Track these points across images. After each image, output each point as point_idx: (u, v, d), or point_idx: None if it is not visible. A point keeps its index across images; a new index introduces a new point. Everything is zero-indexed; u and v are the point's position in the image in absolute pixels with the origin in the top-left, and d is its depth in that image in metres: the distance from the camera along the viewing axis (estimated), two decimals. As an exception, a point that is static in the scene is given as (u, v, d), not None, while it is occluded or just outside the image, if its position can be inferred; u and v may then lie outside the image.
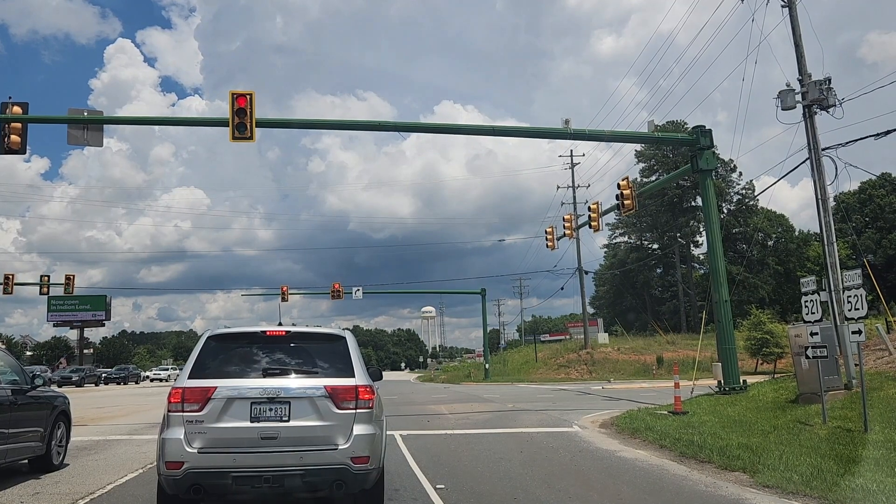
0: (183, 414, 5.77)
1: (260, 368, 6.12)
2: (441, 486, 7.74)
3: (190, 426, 5.72)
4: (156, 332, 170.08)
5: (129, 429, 15.39)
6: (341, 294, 48.87)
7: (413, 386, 48.47)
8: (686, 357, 52.58)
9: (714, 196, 20.34)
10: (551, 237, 31.68)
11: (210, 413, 5.75)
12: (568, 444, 11.88)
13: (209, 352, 6.24)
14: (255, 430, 5.72)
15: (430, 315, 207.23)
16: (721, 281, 19.35)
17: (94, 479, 8.63)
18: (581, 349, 54.86)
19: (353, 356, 6.28)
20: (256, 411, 5.79)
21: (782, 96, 19.91)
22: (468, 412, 19.39)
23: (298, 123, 17.58)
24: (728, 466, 8.80)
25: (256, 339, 6.44)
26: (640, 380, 42.84)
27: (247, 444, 5.70)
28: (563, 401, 23.83)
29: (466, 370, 65.68)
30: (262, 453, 5.67)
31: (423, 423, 16.01)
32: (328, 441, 5.76)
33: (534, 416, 17.70)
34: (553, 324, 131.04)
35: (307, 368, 6.19)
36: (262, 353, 6.28)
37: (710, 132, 19.80)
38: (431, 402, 24.34)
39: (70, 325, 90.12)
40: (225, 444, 5.70)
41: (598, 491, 7.75)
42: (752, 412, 15.44)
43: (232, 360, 6.19)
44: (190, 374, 6.01)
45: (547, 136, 19.81)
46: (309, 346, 6.44)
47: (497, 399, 25.85)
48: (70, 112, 16.28)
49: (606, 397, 25.41)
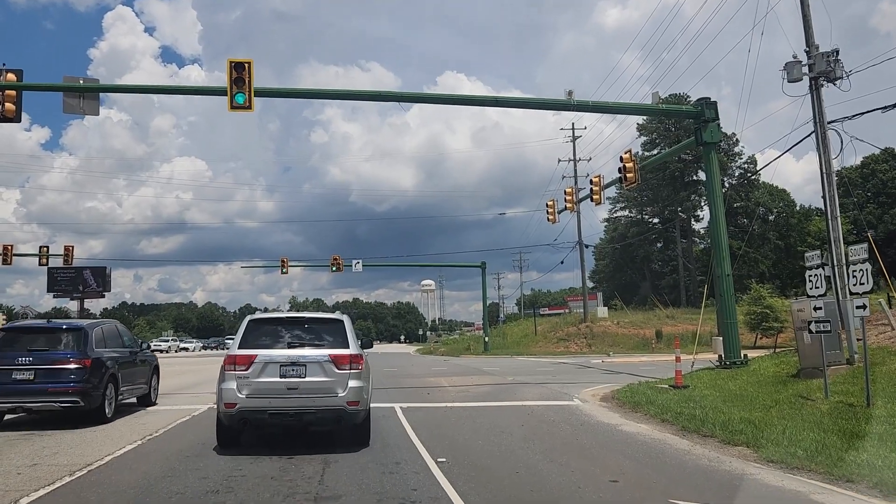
0: (235, 372, 8.35)
1: (285, 342, 8.73)
2: (442, 460, 7.68)
3: (239, 380, 8.30)
4: (156, 303, 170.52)
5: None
6: (341, 266, 48.80)
7: (412, 358, 48.60)
8: (685, 331, 52.60)
9: (718, 170, 20.14)
10: (552, 210, 31.46)
11: (252, 372, 8.33)
12: (569, 418, 11.85)
13: (250, 330, 8.83)
14: (282, 383, 8.32)
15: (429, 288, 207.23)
16: (723, 255, 19.23)
17: (92, 449, 8.58)
18: (580, 323, 54.94)
19: (348, 334, 8.88)
20: (284, 371, 8.37)
21: (788, 68, 19.59)
22: (468, 385, 19.40)
23: (298, 93, 17.27)
24: (731, 441, 8.74)
25: (282, 321, 9.49)
26: (640, 353, 42.98)
27: (277, 392, 8.29)
28: (563, 374, 23.85)
29: (466, 343, 65.83)
30: (288, 398, 8.27)
31: (423, 396, 16.00)
32: (331, 391, 8.37)
33: (534, 389, 17.70)
34: (552, 297, 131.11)
35: (317, 342, 8.76)
36: (286, 332, 8.94)
37: (714, 104, 19.52)
38: (431, 375, 24.37)
39: (70, 296, 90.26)
40: (263, 392, 8.29)
41: (599, 465, 7.69)
42: (753, 386, 15.41)
43: (266, 336, 8.80)
44: (238, 345, 8.59)
45: (550, 108, 19.55)
46: (318, 326, 9.14)
47: (497, 372, 25.89)
48: (65, 80, 15.98)
49: (606, 371, 25.44)
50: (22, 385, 10.98)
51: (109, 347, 12.61)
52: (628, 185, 23.53)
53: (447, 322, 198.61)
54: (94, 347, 11.83)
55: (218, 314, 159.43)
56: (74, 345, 11.59)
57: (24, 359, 11.13)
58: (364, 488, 6.46)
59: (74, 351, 11.46)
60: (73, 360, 11.26)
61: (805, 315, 15.94)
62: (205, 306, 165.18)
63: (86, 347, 11.60)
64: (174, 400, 15.50)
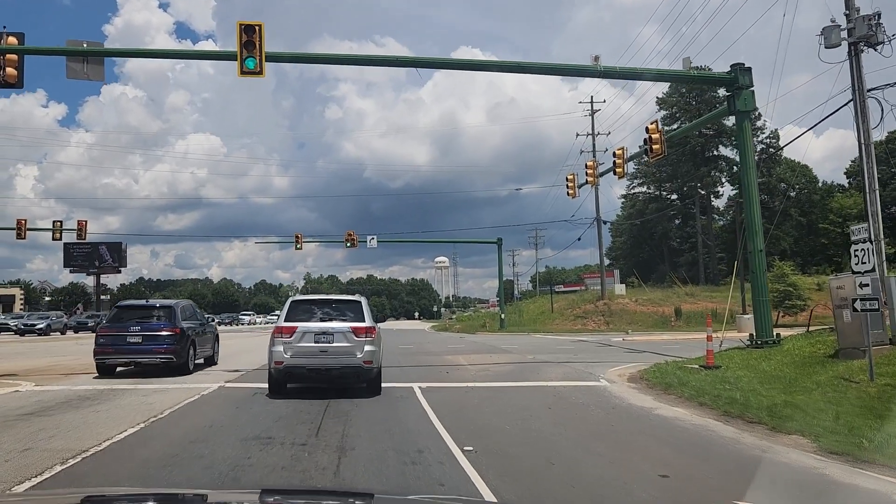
0: (282, 339, 11.04)
1: (318, 317, 11.42)
2: (469, 449, 6.99)
3: (285, 345, 11.00)
4: (173, 279, 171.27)
5: (135, 377, 14.86)
6: (356, 242, 48.14)
7: (428, 335, 48.03)
8: (705, 309, 51.60)
9: (751, 140, 19.19)
10: (572, 184, 30.50)
11: (294, 338, 11.00)
12: (598, 400, 11.16)
13: (292, 308, 11.61)
14: (316, 347, 10.98)
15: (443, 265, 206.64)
16: (756, 230, 18.35)
17: (90, 433, 7.99)
18: (598, 300, 54.09)
19: (364, 311, 11.56)
20: (317, 338, 11.03)
21: (826, 33, 18.54)
22: (488, 363, 18.73)
23: (311, 58, 16.45)
24: (780, 428, 8.01)
25: (316, 302, 12.20)
26: (658, 331, 42.20)
27: (312, 353, 10.98)
28: (584, 352, 23.16)
29: (481, 320, 65.04)
30: (320, 358, 10.96)
31: (441, 375, 15.36)
32: (352, 353, 10.99)
33: (557, 368, 17.01)
34: (567, 275, 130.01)
35: (341, 317, 11.39)
36: (318, 309, 11.67)
37: (749, 70, 18.49)
38: (448, 353, 23.74)
39: (86, 271, 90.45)
40: (302, 353, 10.98)
41: (641, 455, 7.00)
42: (788, 367, 14.65)
43: (304, 313, 11.51)
44: (284, 319, 11.33)
45: (575, 74, 18.59)
46: (342, 305, 11.89)
47: (516, 350, 25.22)
48: (68, 44, 15.24)
49: (628, 349, 24.72)
50: (134, 346, 14.87)
51: (188, 321, 16.13)
52: (654, 157, 22.53)
53: (461, 299, 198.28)
54: (180, 320, 15.45)
55: (233, 290, 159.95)
56: (167, 318, 15.34)
57: (134, 328, 14.97)
58: (385, 481, 5.80)
59: (167, 322, 15.21)
60: (167, 329, 15.02)
61: (845, 292, 15.08)
62: (220, 282, 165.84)
63: (175, 320, 15.28)
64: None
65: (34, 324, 49.05)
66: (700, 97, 71.97)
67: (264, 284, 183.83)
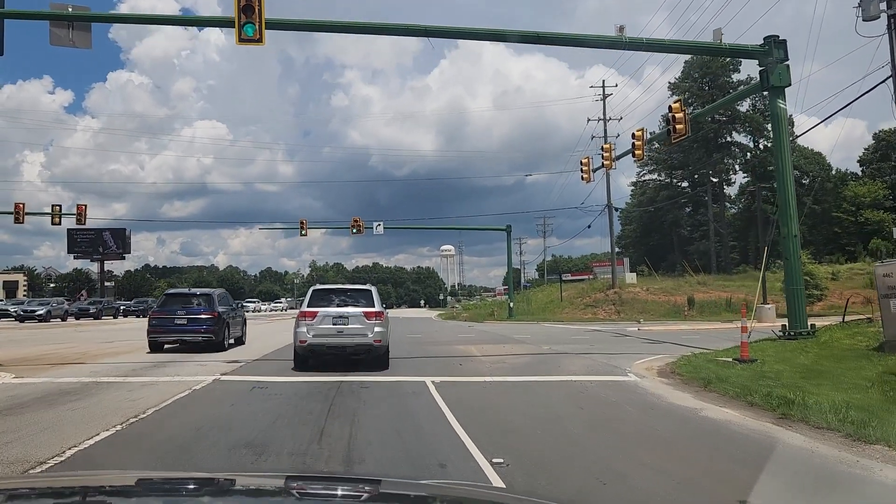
0: (305, 320, 12.97)
1: (335, 303, 13.37)
2: (499, 461, 5.86)
3: (308, 326, 12.91)
4: (178, 266, 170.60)
5: (127, 369, 13.81)
6: (362, 228, 46.98)
7: (435, 324, 46.91)
8: (718, 298, 50.41)
9: (786, 118, 17.93)
10: (587, 168, 29.22)
11: (316, 321, 12.91)
12: (633, 398, 10.03)
13: (314, 296, 13.64)
14: (334, 328, 12.90)
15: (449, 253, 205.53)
16: (791, 213, 17.16)
17: (56, 437, 6.87)
18: (608, 289, 52.81)
19: (374, 298, 13.63)
20: (335, 321, 12.95)
21: (864, 5, 17.35)
22: (502, 355, 17.61)
23: (312, 25, 15.20)
24: (860, 437, 6.84)
25: (334, 291, 14.29)
26: (671, 321, 41.00)
27: (331, 334, 12.89)
28: (602, 343, 22.02)
29: (489, 308, 63.77)
30: (337, 338, 12.88)
31: (454, 368, 14.25)
32: (364, 334, 12.94)
33: (577, 361, 15.87)
34: (573, 263, 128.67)
35: (354, 303, 13.33)
36: (335, 297, 13.70)
37: (784, 43, 17.20)
38: (459, 342, 22.63)
39: (90, 257, 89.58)
40: (322, 333, 12.89)
41: (704, 471, 5.88)
42: (829, 361, 13.50)
43: (323, 299, 13.50)
44: (307, 305, 13.28)
45: (598, 45, 17.31)
46: (356, 293, 13.93)
47: (529, 340, 24.09)
48: (53, 7, 14.05)
49: (647, 340, 23.57)
50: (180, 327, 17.70)
51: (223, 306, 18.85)
52: (677, 137, 21.32)
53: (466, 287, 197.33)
54: (217, 305, 18.25)
55: (238, 277, 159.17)
56: (206, 304, 18.18)
57: (180, 311, 17.81)
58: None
59: (207, 307, 18.05)
60: (207, 313, 17.89)
61: (893, 280, 13.94)
62: (226, 269, 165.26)
63: (213, 305, 18.13)
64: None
65: (34, 310, 48.15)
66: (713, 82, 70.36)
67: (270, 272, 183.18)
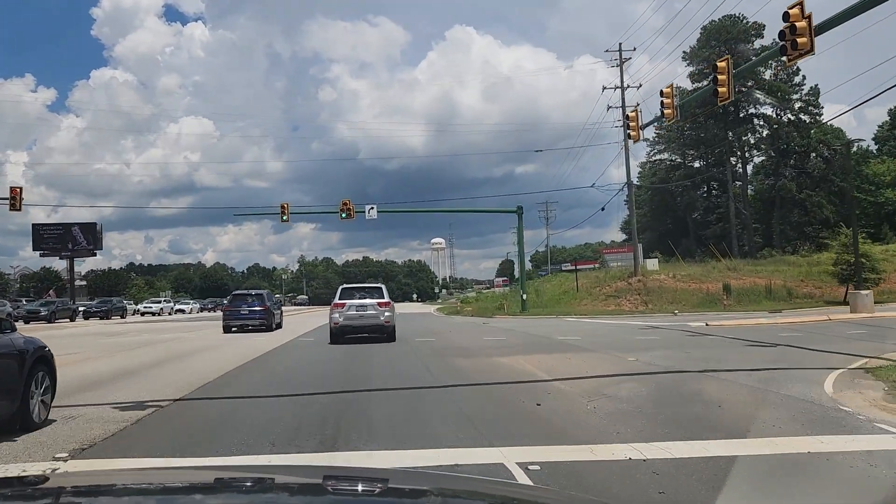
0: (337, 310, 20.32)
1: (358, 296, 20.94)
2: None
3: (339, 314, 20.29)
4: (164, 264, 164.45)
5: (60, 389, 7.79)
6: (352, 213, 40.88)
7: (440, 321, 40.65)
8: (753, 285, 44.72)
9: None
10: (634, 124, 23.35)
11: (345, 310, 20.29)
12: None
13: (342, 292, 21.13)
14: (357, 314, 20.30)
15: (439, 246, 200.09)
16: None
17: None
18: (630, 277, 47.03)
19: (384, 292, 21.34)
20: (357, 309, 20.36)
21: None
22: (584, 377, 11.32)
23: None
24: None
25: (355, 287, 22.27)
26: (710, 311, 35.27)
27: (355, 318, 20.27)
28: (688, 347, 16.17)
29: (495, 301, 57.61)
30: (359, 321, 20.30)
31: (532, 416, 8.10)
32: (377, 317, 20.20)
33: (735, 391, 9.73)
34: (567, 254, 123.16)
35: (370, 296, 20.92)
36: (357, 292, 21.39)
37: None
38: (495, 352, 16.47)
39: (58, 254, 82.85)
40: (349, 318, 20.26)
41: None
42: None
43: (349, 294, 21.08)
44: (338, 298, 20.77)
45: None
46: (371, 288, 22.03)
47: (584, 345, 18.00)
48: None
49: (738, 339, 17.65)
50: (244, 316, 28.06)
51: (269, 302, 29.65)
52: (722, 101, 17.12)
53: (458, 280, 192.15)
54: (267, 301, 29.27)
55: (224, 274, 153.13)
56: (260, 301, 28.97)
57: (244, 305, 28.42)
58: None
59: (261, 303, 28.69)
60: (261, 306, 28.33)
61: None
62: (213, 266, 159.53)
63: (265, 301, 29.06)
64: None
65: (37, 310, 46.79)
66: (733, 48, 64.60)
67: (257, 268, 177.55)
